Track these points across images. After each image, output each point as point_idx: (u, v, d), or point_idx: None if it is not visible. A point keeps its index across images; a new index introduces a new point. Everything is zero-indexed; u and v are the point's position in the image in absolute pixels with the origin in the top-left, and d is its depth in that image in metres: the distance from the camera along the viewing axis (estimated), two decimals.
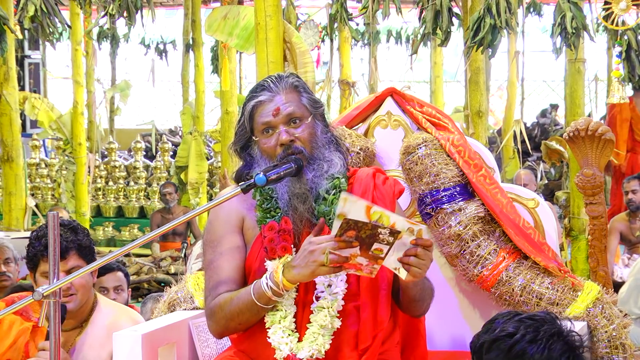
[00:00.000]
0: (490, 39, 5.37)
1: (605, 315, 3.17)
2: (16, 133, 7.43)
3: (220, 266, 2.87)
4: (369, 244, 2.62)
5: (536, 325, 2.45)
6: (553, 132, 13.91)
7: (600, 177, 3.56)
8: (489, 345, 2.47)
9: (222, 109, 8.97)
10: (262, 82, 2.90)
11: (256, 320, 2.81)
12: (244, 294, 2.78)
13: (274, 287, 2.73)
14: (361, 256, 2.63)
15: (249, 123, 2.86)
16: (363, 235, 2.61)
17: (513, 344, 2.43)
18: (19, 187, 7.46)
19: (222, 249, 2.89)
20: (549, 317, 2.50)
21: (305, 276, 2.70)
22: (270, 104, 2.83)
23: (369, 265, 2.65)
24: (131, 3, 7.07)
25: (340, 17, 8.32)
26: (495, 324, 2.50)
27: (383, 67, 13.11)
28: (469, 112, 6.62)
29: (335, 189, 2.84)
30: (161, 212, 10.04)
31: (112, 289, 5.48)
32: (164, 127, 16.43)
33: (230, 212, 2.90)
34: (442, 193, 3.26)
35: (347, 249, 2.63)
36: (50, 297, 2.60)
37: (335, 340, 2.80)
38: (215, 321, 2.85)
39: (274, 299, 2.75)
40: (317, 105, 2.91)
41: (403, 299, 2.87)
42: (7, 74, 7.29)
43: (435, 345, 3.32)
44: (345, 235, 2.61)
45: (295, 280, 2.72)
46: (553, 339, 2.44)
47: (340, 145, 2.93)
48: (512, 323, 2.47)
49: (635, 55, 5.48)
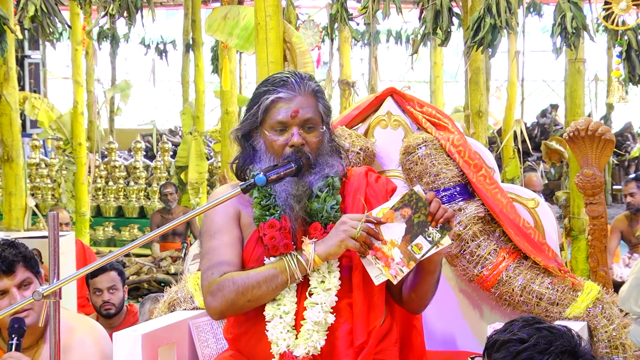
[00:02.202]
0: (491, 38, 5.36)
1: (605, 315, 3.17)
2: (16, 133, 7.42)
3: (222, 250, 2.87)
4: (415, 235, 2.64)
5: (551, 338, 2.43)
6: (553, 132, 13.92)
7: (600, 177, 3.56)
8: (500, 344, 2.46)
9: (222, 109, 8.97)
10: (283, 76, 2.87)
11: (267, 299, 2.81)
12: (265, 267, 2.81)
13: (303, 263, 2.77)
14: (399, 247, 2.65)
15: (262, 115, 2.84)
16: (415, 220, 2.64)
17: (522, 350, 2.41)
18: (19, 187, 7.45)
19: (223, 237, 2.89)
20: (568, 333, 2.48)
21: (334, 246, 2.73)
22: (290, 103, 2.82)
23: (400, 264, 2.66)
24: (131, 3, 7.07)
25: (341, 17, 8.31)
26: (513, 326, 2.50)
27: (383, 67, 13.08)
28: (469, 112, 6.62)
29: (328, 187, 2.84)
30: (161, 212, 10.04)
31: (105, 289, 5.48)
32: (164, 127, 16.45)
33: (227, 205, 2.89)
34: (442, 193, 3.26)
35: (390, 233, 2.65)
36: (50, 297, 2.61)
37: (330, 337, 2.80)
38: (223, 295, 2.80)
39: (298, 276, 2.78)
40: (329, 114, 2.92)
41: (418, 289, 2.86)
42: (7, 74, 7.28)
43: (435, 345, 3.32)
44: (400, 211, 2.64)
45: (325, 253, 2.76)
46: (564, 356, 2.41)
47: (341, 152, 2.95)
48: (529, 329, 2.46)
49: (635, 55, 5.47)
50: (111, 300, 5.46)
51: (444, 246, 2.68)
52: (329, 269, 2.82)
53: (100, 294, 5.47)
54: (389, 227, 2.69)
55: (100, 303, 5.45)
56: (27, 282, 3.50)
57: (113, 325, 5.38)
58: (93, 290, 5.50)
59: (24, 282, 3.48)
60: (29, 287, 3.50)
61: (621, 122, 15.57)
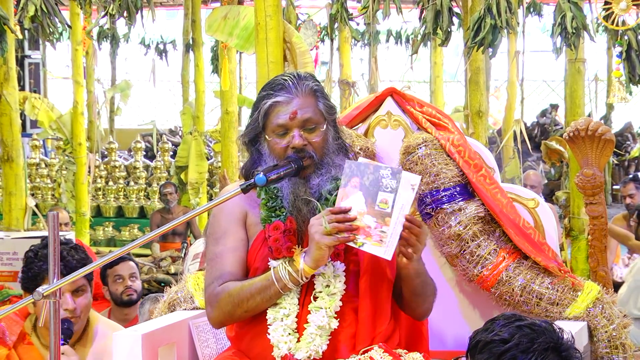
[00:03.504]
0: (491, 39, 5.36)
1: (605, 315, 3.17)
2: (16, 133, 7.41)
3: (225, 258, 2.88)
4: (374, 195, 2.63)
5: (533, 336, 2.43)
6: (553, 132, 13.92)
7: (600, 177, 3.55)
8: (482, 345, 2.46)
9: (222, 109, 8.96)
10: (281, 79, 2.87)
11: (264, 308, 2.82)
12: (258, 279, 2.81)
13: (292, 274, 2.76)
14: (368, 213, 2.65)
15: (263, 120, 2.84)
16: (367, 183, 2.64)
17: (505, 350, 2.42)
18: (19, 187, 7.45)
19: (227, 241, 2.90)
20: (550, 328, 2.48)
21: (315, 251, 2.71)
22: (287, 106, 2.82)
23: (378, 228, 2.65)
24: (131, 3, 7.07)
25: (341, 17, 8.32)
26: (494, 325, 2.50)
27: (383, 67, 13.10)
28: (469, 112, 6.61)
29: (337, 189, 2.84)
30: (161, 212, 10.04)
31: (127, 276, 5.53)
32: (164, 127, 16.44)
33: (234, 206, 2.90)
34: (442, 193, 3.26)
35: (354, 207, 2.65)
36: (51, 297, 2.60)
37: (332, 341, 2.80)
38: (220, 307, 2.84)
39: (290, 286, 2.77)
40: (332, 112, 2.90)
41: (405, 293, 2.87)
42: (7, 74, 7.28)
43: (435, 345, 3.31)
44: (349, 185, 2.64)
45: (312, 261, 2.73)
46: (546, 353, 2.42)
47: (348, 151, 2.95)
48: (510, 329, 2.46)
49: (635, 55, 5.46)
50: (132, 286, 5.50)
51: (413, 184, 2.67)
52: (335, 274, 2.82)
53: (121, 281, 5.51)
54: (350, 202, 2.69)
55: (122, 289, 5.48)
56: (82, 289, 3.53)
57: (129, 317, 5.40)
58: (114, 278, 5.53)
59: (80, 288, 3.51)
60: (83, 294, 3.54)
61: (621, 122, 15.57)
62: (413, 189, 2.68)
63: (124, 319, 5.34)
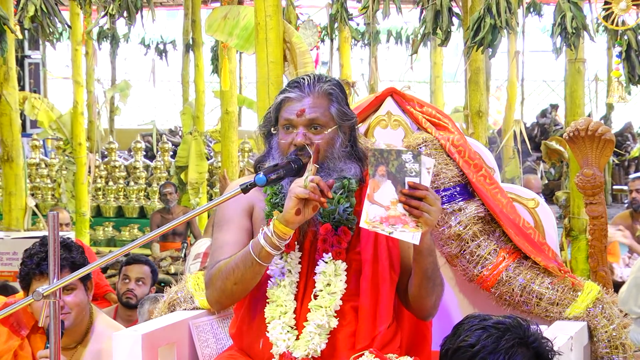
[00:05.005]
0: (491, 39, 5.36)
1: (605, 315, 3.17)
2: (16, 133, 7.42)
3: (226, 244, 2.90)
4: (402, 182, 2.64)
5: (498, 335, 2.47)
6: (553, 132, 13.91)
7: (600, 177, 3.55)
8: (452, 353, 2.50)
9: (222, 109, 8.95)
10: (299, 78, 2.93)
11: (250, 279, 2.79)
12: (242, 250, 2.80)
13: (268, 235, 2.71)
14: (400, 200, 2.64)
15: (275, 113, 2.91)
16: (393, 170, 2.65)
17: (473, 355, 2.45)
18: (19, 187, 7.45)
19: (230, 228, 2.92)
20: (515, 323, 2.50)
21: (288, 203, 2.68)
22: (297, 103, 2.86)
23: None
24: (131, 3, 7.06)
25: (341, 17, 8.32)
26: (460, 330, 2.53)
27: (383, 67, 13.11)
28: (469, 112, 6.61)
29: (343, 189, 2.84)
30: (161, 212, 10.04)
31: (133, 279, 5.54)
32: (164, 127, 16.43)
33: (240, 198, 2.90)
34: (442, 193, 3.26)
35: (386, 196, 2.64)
36: (50, 297, 2.60)
37: (331, 339, 2.81)
38: (213, 284, 2.86)
39: (268, 250, 2.72)
40: (346, 118, 2.90)
41: (414, 279, 2.84)
42: (7, 74, 7.28)
43: (434, 345, 3.31)
44: (377, 175, 2.65)
45: (282, 216, 2.70)
46: (514, 349, 2.45)
47: (362, 160, 2.92)
48: (476, 332, 2.49)
49: (635, 55, 5.46)
50: (135, 290, 5.51)
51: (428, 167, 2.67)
52: (336, 272, 2.82)
53: (127, 282, 5.53)
54: (382, 193, 2.68)
55: (124, 290, 5.50)
56: (71, 287, 3.52)
57: (132, 318, 5.42)
58: (123, 276, 5.57)
59: (67, 286, 3.50)
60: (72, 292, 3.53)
61: (621, 122, 15.56)
62: (429, 173, 2.69)
63: (128, 320, 5.35)
